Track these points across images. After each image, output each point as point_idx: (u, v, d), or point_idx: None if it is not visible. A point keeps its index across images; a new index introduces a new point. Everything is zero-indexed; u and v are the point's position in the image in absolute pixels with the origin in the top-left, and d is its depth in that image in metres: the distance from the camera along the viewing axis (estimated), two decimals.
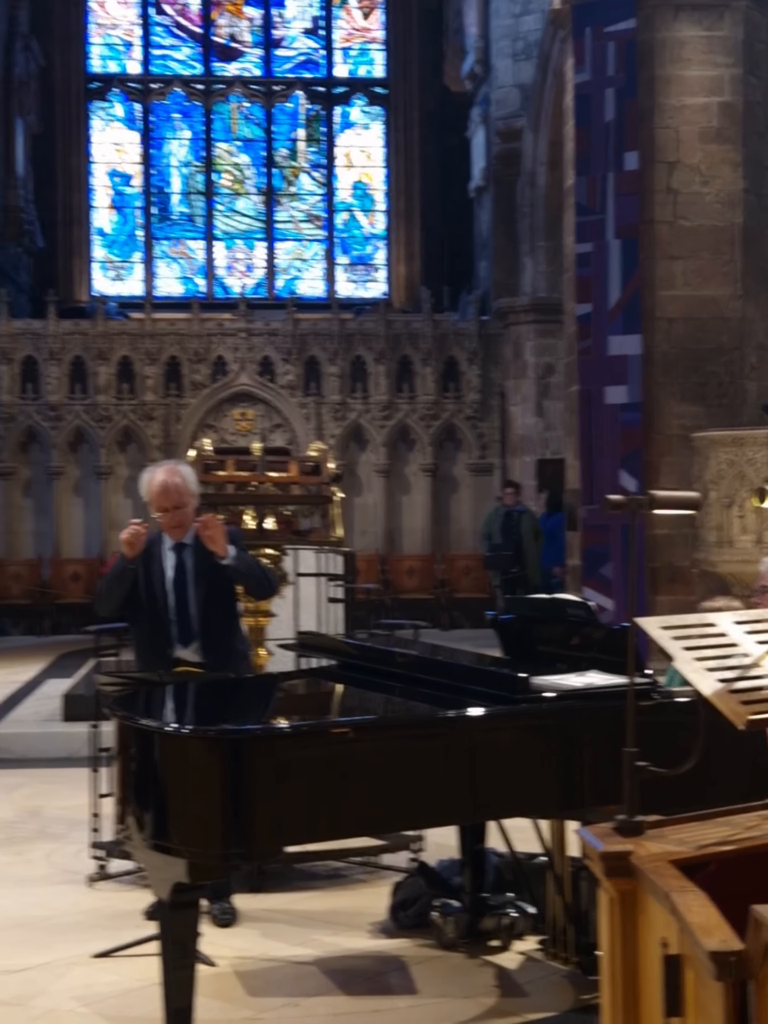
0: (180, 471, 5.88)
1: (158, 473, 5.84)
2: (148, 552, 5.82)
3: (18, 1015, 4.96)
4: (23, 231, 21.67)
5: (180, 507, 5.79)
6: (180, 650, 5.82)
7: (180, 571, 5.84)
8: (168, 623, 5.81)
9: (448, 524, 19.78)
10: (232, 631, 5.95)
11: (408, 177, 23.80)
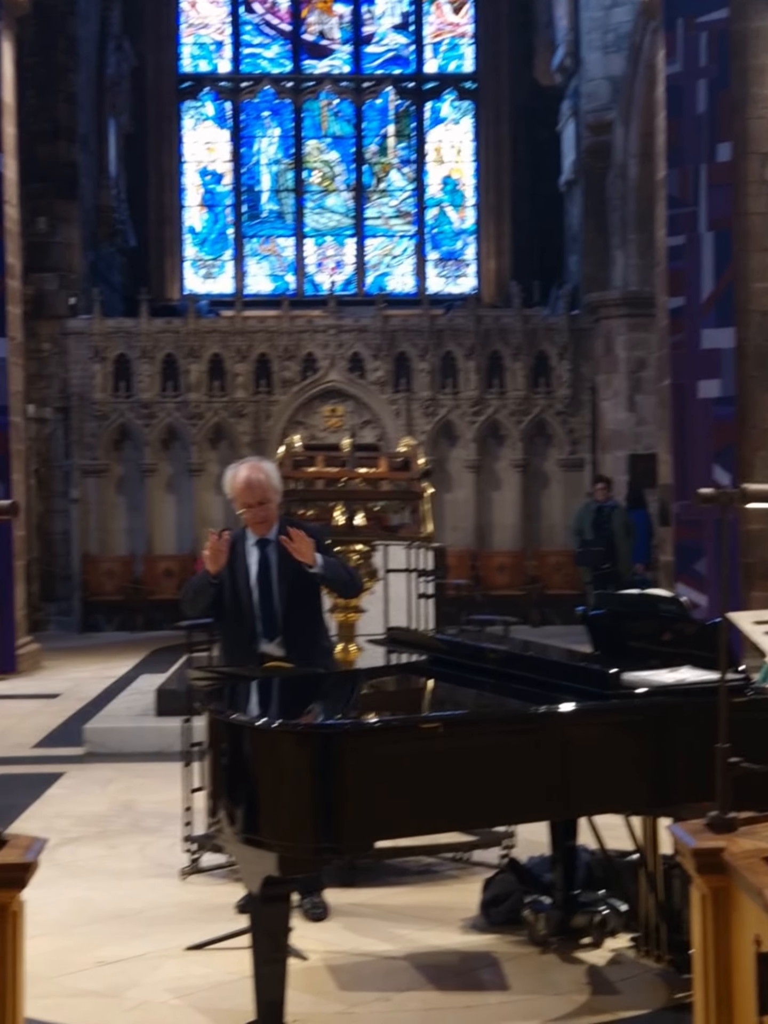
0: (263, 467, 5.89)
1: (241, 469, 5.86)
2: (232, 549, 5.86)
3: (112, 1006, 5.01)
4: (116, 231, 21.89)
5: (264, 503, 5.81)
6: (265, 645, 5.84)
7: (264, 567, 5.86)
8: (253, 618, 5.83)
9: (539, 520, 19.71)
10: (316, 626, 5.96)
11: (498, 171, 23.73)
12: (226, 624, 5.95)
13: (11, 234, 14.69)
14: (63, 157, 19.64)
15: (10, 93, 14.75)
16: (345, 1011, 4.95)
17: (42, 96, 19.20)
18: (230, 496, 5.93)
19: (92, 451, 19.22)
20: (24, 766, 9.55)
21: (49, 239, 19.37)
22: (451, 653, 5.43)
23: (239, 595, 5.82)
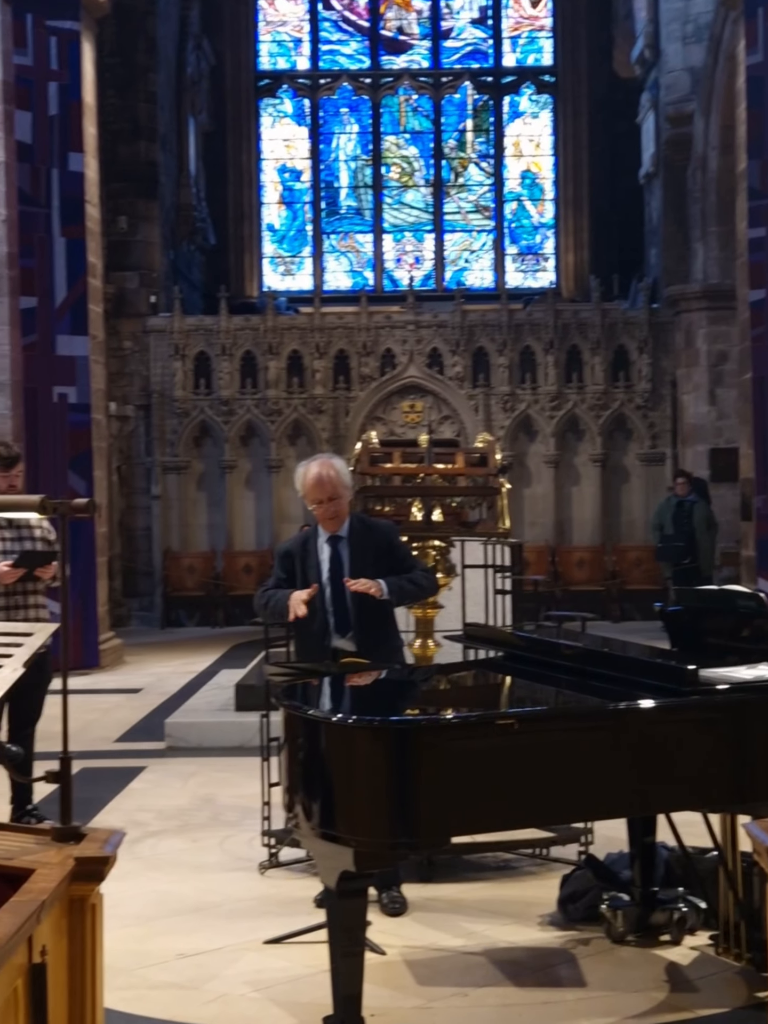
0: (333, 464, 5.94)
1: (312, 466, 5.91)
2: (304, 546, 5.92)
3: (192, 998, 5.05)
4: (195, 229, 22.04)
5: (334, 499, 5.86)
6: (337, 640, 5.90)
7: (336, 563, 5.91)
8: (325, 613, 5.89)
9: (619, 515, 19.60)
10: (387, 622, 6.00)
11: (577, 165, 23.62)
12: (299, 621, 5.99)
13: (93, 233, 14.83)
14: (143, 156, 19.80)
15: (91, 94, 14.89)
16: (423, 1006, 4.96)
17: (122, 96, 19.39)
18: (301, 493, 5.99)
19: (173, 448, 19.37)
20: (107, 760, 9.64)
21: (130, 238, 19.55)
22: (527, 649, 5.42)
23: None
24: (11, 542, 7.41)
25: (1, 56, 13.75)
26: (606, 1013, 4.86)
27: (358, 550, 5.80)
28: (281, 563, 6.08)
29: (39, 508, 3.16)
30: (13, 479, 7.48)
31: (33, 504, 3.20)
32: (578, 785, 4.31)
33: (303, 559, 5.89)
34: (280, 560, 6.09)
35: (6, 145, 13.78)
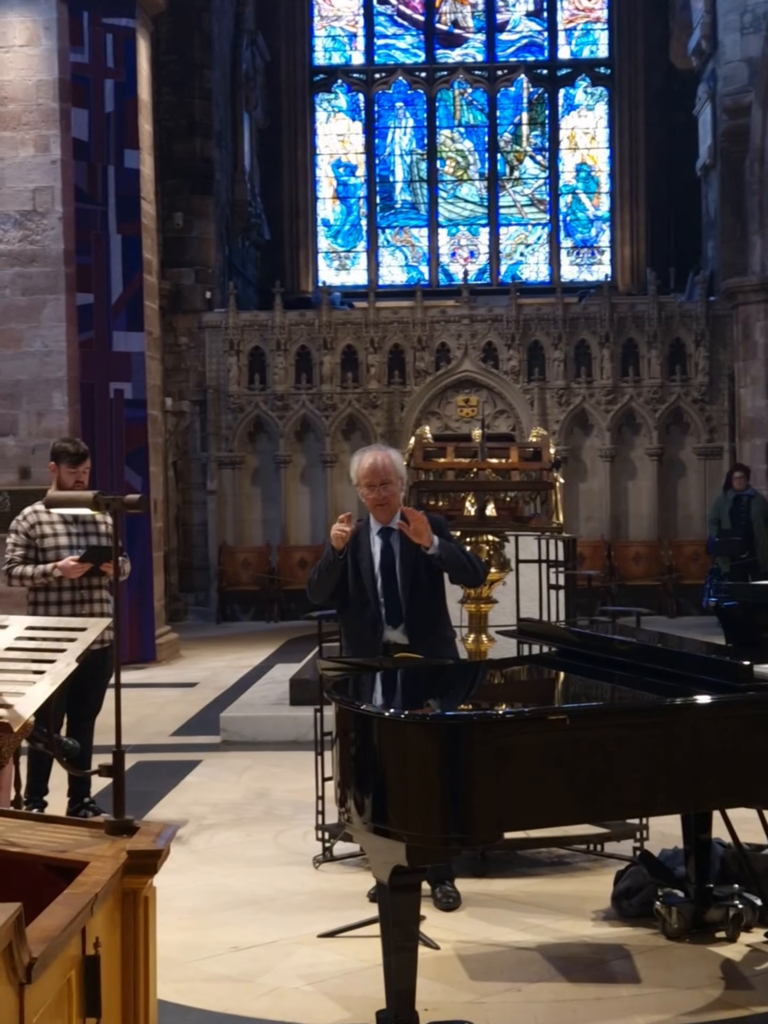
0: (388, 452, 6.01)
1: (366, 455, 5.98)
2: (355, 539, 5.92)
3: (246, 991, 5.07)
4: (250, 224, 22.10)
5: (386, 483, 5.87)
6: (389, 632, 5.89)
7: (387, 555, 5.92)
8: (377, 605, 5.89)
9: (675, 509, 19.48)
10: (439, 615, 5.99)
11: (633, 157, 23.49)
12: (349, 613, 6.00)
13: (148, 230, 14.90)
14: (199, 153, 19.87)
15: (146, 91, 14.97)
16: (476, 1000, 4.96)
17: (178, 93, 19.47)
18: (355, 481, 6.01)
19: (228, 443, 19.44)
20: (162, 754, 9.70)
21: (185, 234, 19.63)
22: (581, 645, 5.40)
23: (363, 583, 5.89)
24: (77, 536, 7.48)
25: (58, 54, 13.86)
26: (660, 1010, 4.84)
27: (409, 541, 5.79)
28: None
29: (92, 504, 3.18)
30: (80, 475, 7.54)
31: (87, 500, 3.23)
32: (631, 781, 4.29)
33: (354, 551, 5.89)
34: (329, 549, 6.06)
35: (63, 143, 13.90)
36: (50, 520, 7.45)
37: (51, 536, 7.43)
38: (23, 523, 7.46)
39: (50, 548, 7.42)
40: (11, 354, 13.91)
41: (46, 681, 3.03)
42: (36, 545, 7.43)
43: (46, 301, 13.90)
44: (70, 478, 7.48)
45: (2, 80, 13.90)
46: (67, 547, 7.42)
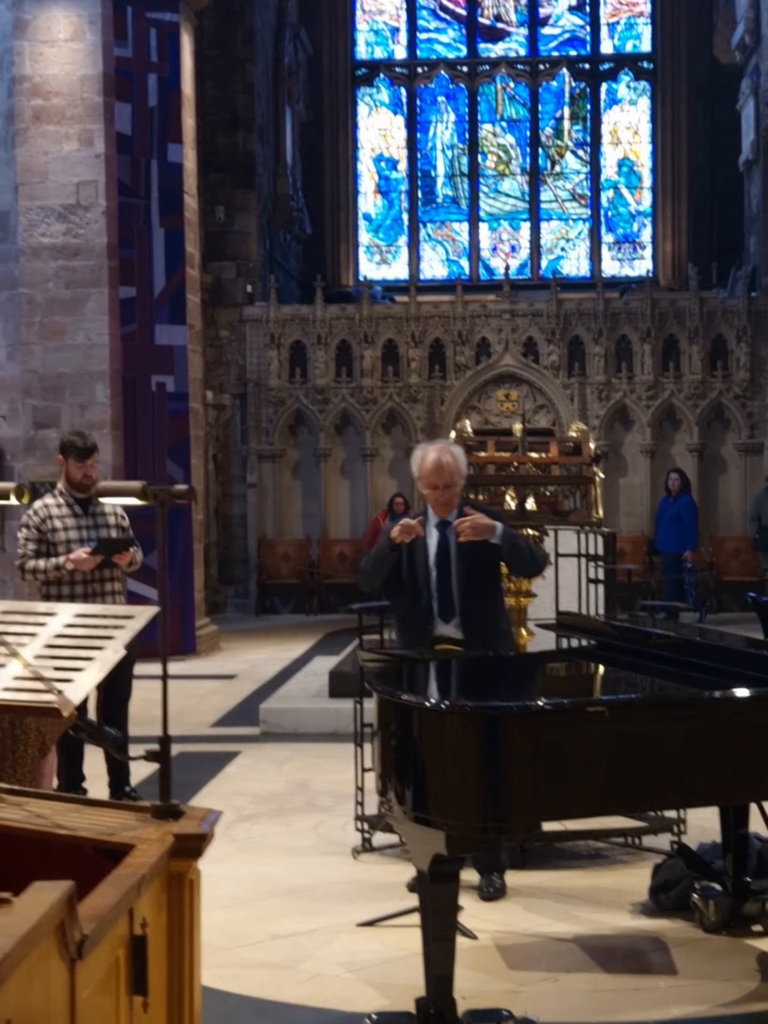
0: (452, 451, 5.96)
1: (431, 452, 5.92)
2: None
3: (287, 977, 5.14)
4: (292, 218, 22.17)
5: (449, 486, 5.87)
6: (441, 626, 5.89)
7: (443, 548, 5.91)
8: (430, 598, 5.88)
9: (716, 505, 19.43)
10: (494, 609, 5.98)
11: (675, 152, 23.42)
12: (402, 605, 6.01)
13: (191, 224, 14.99)
14: (241, 147, 19.95)
15: (190, 85, 15.05)
16: (513, 989, 5.00)
17: (221, 87, 19.54)
18: (416, 476, 5.99)
19: (268, 436, 19.51)
20: (203, 744, 9.78)
21: (227, 228, 19.71)
22: (621, 638, 5.43)
23: (417, 575, 5.88)
24: (88, 529, 7.55)
25: (102, 48, 13.96)
26: (697, 1001, 4.87)
27: None
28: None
29: (140, 494, 3.24)
30: (89, 469, 7.60)
31: (135, 490, 3.28)
32: (669, 773, 4.32)
33: (411, 541, 5.89)
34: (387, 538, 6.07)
35: (106, 136, 14.00)
36: (60, 514, 7.52)
37: (62, 530, 7.50)
38: (34, 517, 7.53)
39: (61, 542, 7.48)
40: (54, 347, 14.03)
41: (95, 668, 3.09)
42: (48, 539, 7.49)
43: (89, 294, 14.01)
44: (78, 472, 7.55)
45: (47, 74, 14.01)
46: (78, 540, 7.49)
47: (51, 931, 2.20)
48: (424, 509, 6.05)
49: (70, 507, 7.55)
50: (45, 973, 2.20)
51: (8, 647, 3.20)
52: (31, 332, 14.06)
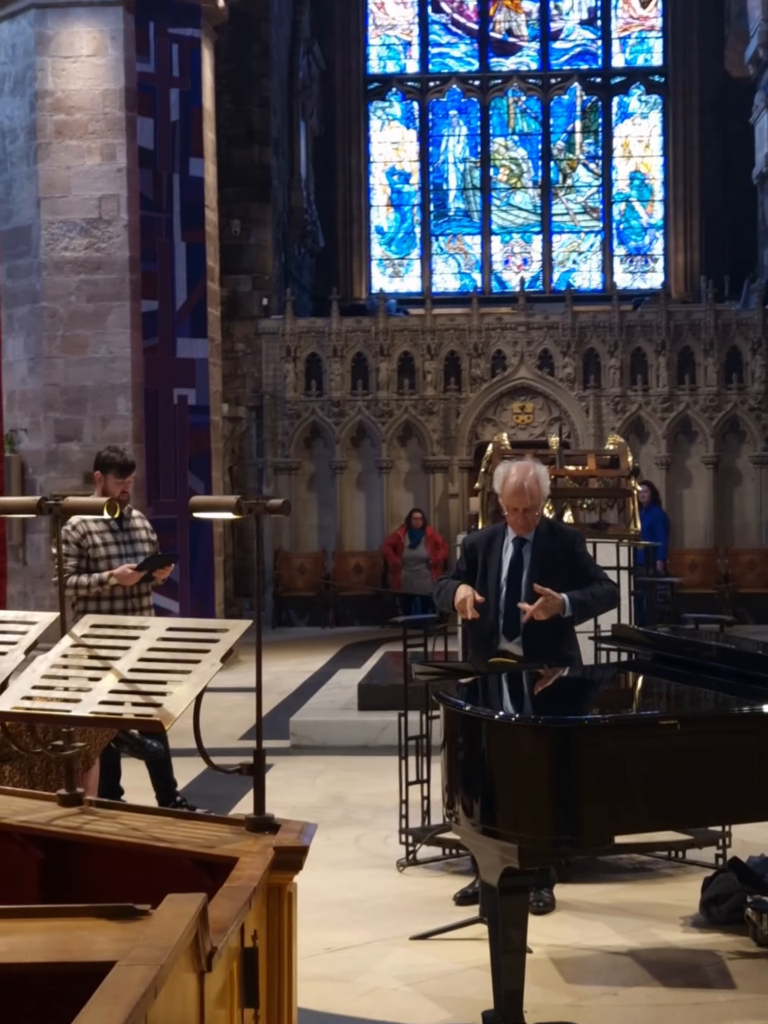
0: (536, 472, 5.86)
1: (514, 473, 5.84)
2: (489, 542, 5.92)
3: (346, 990, 5.13)
4: (306, 232, 22.23)
5: (530, 509, 5.82)
6: (504, 643, 5.86)
7: (516, 565, 5.87)
8: (496, 614, 5.86)
9: (731, 518, 19.44)
10: (562, 633, 5.88)
11: (687, 165, 23.49)
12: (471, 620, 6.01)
13: (211, 237, 15.01)
14: (257, 161, 20.01)
15: (210, 100, 15.08)
16: (574, 1003, 5.00)
17: (237, 101, 19.60)
18: (498, 491, 5.96)
19: (284, 449, 19.52)
20: (233, 757, 9.58)
21: (243, 241, 19.76)
22: (677, 650, 5.43)
23: (487, 589, 5.87)
24: (124, 545, 7.57)
25: (124, 64, 14.00)
26: (760, 1015, 4.87)
27: (540, 555, 5.78)
28: (465, 555, 6.04)
29: (235, 509, 3.25)
30: (127, 485, 7.63)
31: (230, 504, 3.30)
32: (735, 786, 4.33)
33: (486, 554, 5.87)
34: (464, 552, 6.06)
35: (128, 151, 14.03)
36: (99, 529, 7.53)
37: (101, 545, 7.52)
38: (73, 533, 7.54)
39: (101, 557, 7.49)
40: (76, 360, 14.04)
41: (192, 681, 3.10)
42: (88, 555, 7.51)
43: (111, 308, 14.03)
44: (117, 488, 7.56)
45: (69, 89, 14.05)
46: (117, 556, 7.51)
47: (189, 943, 2.21)
48: (503, 524, 6.00)
49: (107, 523, 7.56)
50: (183, 984, 2.21)
51: (103, 661, 3.21)
52: (53, 346, 14.07)
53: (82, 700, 3.18)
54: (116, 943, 2.08)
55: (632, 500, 7.65)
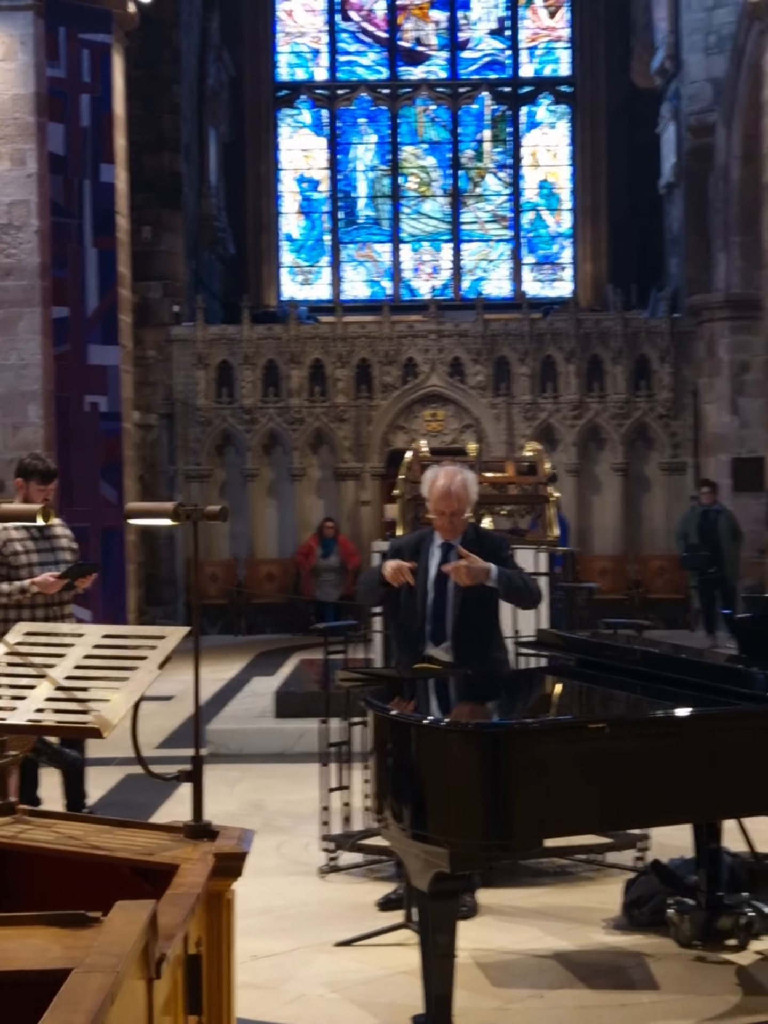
0: (463, 477, 5.84)
1: (442, 477, 5.82)
2: (416, 548, 5.88)
3: (273, 998, 5.12)
4: (216, 239, 22.14)
5: (457, 513, 5.80)
6: (431, 648, 5.83)
7: (443, 572, 5.85)
8: (423, 619, 5.83)
9: (640, 524, 19.66)
10: (489, 637, 5.88)
11: (595, 175, 23.72)
12: (398, 620, 6.00)
13: (122, 244, 14.92)
14: (167, 167, 19.89)
15: (121, 105, 14.98)
16: (501, 1007, 5.02)
17: (148, 107, 19.46)
18: (425, 495, 5.94)
19: (195, 456, 19.45)
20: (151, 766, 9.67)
21: (154, 248, 19.62)
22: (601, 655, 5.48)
23: (414, 595, 5.82)
24: (46, 552, 7.49)
25: (34, 68, 13.86)
26: (684, 1016, 4.92)
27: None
28: (392, 557, 5.96)
29: (172, 515, 3.24)
30: (48, 492, 7.56)
31: (166, 511, 3.28)
32: (666, 789, 4.37)
33: (413, 559, 5.85)
34: (392, 553, 6.01)
35: (39, 157, 13.88)
36: (20, 537, 7.45)
37: (23, 553, 7.43)
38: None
39: (23, 565, 7.41)
40: None
41: (129, 688, 3.08)
42: (9, 563, 7.42)
43: (22, 314, 13.88)
44: (39, 495, 7.48)
45: None
46: (39, 564, 7.43)
47: (140, 951, 2.20)
48: (430, 530, 5.99)
49: (28, 530, 7.48)
50: (134, 992, 2.19)
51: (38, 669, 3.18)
52: None
53: (18, 708, 3.15)
54: (70, 951, 2.06)
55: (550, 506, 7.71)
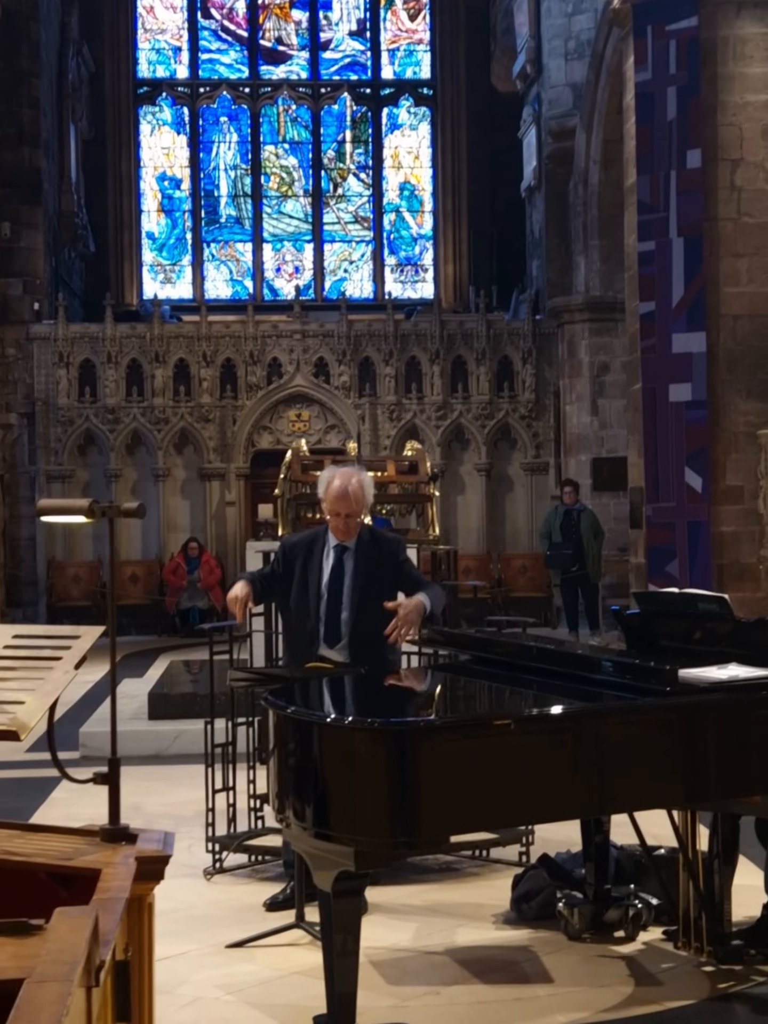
0: (359, 479, 5.79)
1: (337, 478, 5.76)
2: (309, 548, 5.84)
3: (169, 1002, 5.04)
4: (77, 236, 21.84)
5: (351, 515, 5.75)
6: (325, 649, 5.78)
7: (337, 572, 5.80)
8: (316, 621, 5.78)
9: (503, 523, 19.84)
10: (382, 639, 5.72)
11: (456, 177, 23.89)
12: (290, 621, 5.95)
13: None
14: (27, 162, 19.59)
15: None
16: (398, 1005, 5.02)
17: (7, 101, 19.16)
18: (320, 496, 5.88)
19: (57, 456, 19.17)
20: (22, 770, 9.52)
21: (13, 244, 19.31)
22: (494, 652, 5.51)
23: (307, 595, 5.79)
24: None
25: None
26: (579, 1008, 4.97)
27: (362, 562, 5.73)
28: (284, 556, 5.91)
29: (87, 512, 3.18)
30: None
31: (81, 508, 3.22)
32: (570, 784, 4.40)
33: (306, 559, 5.78)
34: (284, 553, 5.94)
35: None
36: None
37: None
38: None
39: None
40: None
41: (45, 689, 3.02)
42: None
43: None
44: None
45: None
46: None
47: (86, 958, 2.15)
48: (324, 528, 5.94)
49: None
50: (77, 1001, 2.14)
51: None
52: None
53: None
54: (17, 960, 2.01)
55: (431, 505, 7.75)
